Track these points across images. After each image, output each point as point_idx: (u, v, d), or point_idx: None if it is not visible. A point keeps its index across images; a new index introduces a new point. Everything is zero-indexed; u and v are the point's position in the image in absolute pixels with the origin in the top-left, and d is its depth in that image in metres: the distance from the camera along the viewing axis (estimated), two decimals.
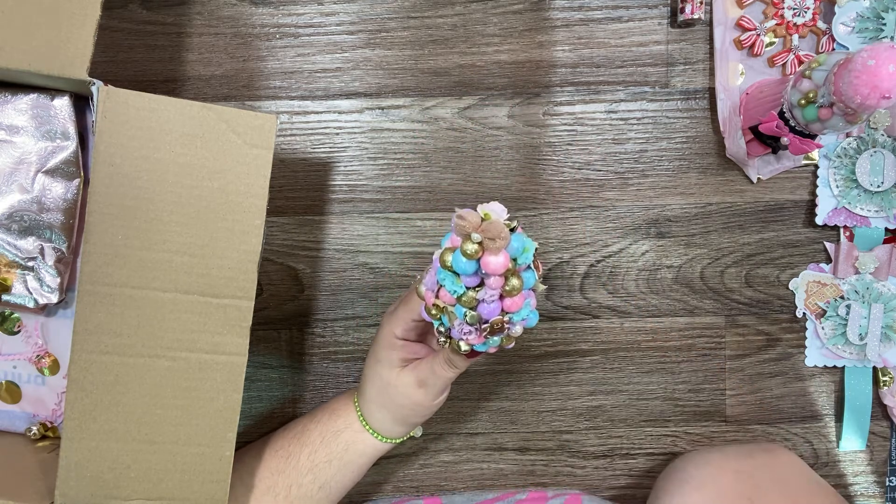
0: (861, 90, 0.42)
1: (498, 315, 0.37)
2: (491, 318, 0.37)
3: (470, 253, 0.34)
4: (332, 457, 0.49)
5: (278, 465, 0.50)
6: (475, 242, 0.34)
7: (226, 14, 0.56)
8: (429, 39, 0.56)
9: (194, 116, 0.42)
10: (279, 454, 0.50)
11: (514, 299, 0.37)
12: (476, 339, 0.39)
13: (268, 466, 0.50)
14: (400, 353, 0.46)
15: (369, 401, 0.49)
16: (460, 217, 0.33)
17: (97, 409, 0.43)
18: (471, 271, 0.35)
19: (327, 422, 0.50)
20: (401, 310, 0.46)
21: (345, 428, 0.50)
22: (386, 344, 0.47)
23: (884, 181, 0.57)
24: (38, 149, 0.48)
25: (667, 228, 0.58)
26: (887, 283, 0.58)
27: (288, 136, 0.56)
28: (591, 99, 0.57)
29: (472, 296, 0.37)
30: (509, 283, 0.36)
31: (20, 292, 0.50)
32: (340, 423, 0.50)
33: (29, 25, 0.40)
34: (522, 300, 0.38)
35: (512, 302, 0.37)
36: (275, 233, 0.57)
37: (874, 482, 0.61)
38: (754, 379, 0.60)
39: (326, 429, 0.50)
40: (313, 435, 0.50)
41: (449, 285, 0.37)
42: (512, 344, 0.41)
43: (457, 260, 0.35)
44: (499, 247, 0.34)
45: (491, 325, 0.38)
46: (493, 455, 0.60)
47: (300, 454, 0.50)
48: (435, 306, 0.39)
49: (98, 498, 0.44)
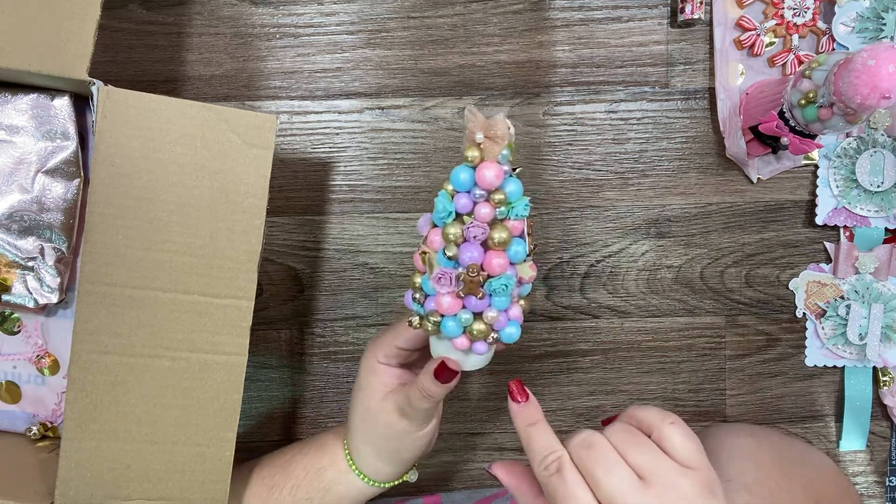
0: (861, 90, 0.42)
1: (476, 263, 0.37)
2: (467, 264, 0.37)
3: (470, 158, 0.36)
4: (313, 496, 0.47)
5: (262, 494, 0.48)
6: (477, 144, 0.35)
7: (226, 14, 0.56)
8: (429, 39, 0.56)
9: (194, 116, 0.42)
10: (265, 482, 0.48)
11: (497, 258, 0.37)
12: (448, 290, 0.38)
13: (253, 493, 0.48)
14: (382, 378, 0.45)
15: (355, 435, 0.46)
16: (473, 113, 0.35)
17: (97, 409, 0.43)
18: (463, 185, 0.36)
19: (314, 456, 0.48)
20: (386, 335, 0.45)
21: (329, 465, 0.47)
22: (368, 369, 0.45)
23: (884, 181, 0.57)
24: (38, 149, 0.48)
25: (667, 228, 0.58)
26: (887, 283, 0.58)
27: (288, 136, 0.56)
28: (591, 99, 0.57)
29: (459, 229, 0.36)
30: (496, 231, 0.36)
31: (20, 292, 0.50)
32: (326, 460, 0.48)
33: (29, 25, 0.40)
34: (507, 265, 0.37)
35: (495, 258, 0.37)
36: (275, 233, 0.57)
37: (874, 482, 0.61)
38: (754, 379, 0.60)
39: (312, 464, 0.48)
40: (298, 468, 0.48)
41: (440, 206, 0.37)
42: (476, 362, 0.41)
43: (454, 175, 0.36)
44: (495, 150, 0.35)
45: (466, 274, 0.37)
46: (493, 455, 0.60)
47: (283, 487, 0.47)
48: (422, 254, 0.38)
49: (98, 498, 0.44)
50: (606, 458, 0.35)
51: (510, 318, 0.40)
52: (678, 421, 0.37)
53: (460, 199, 0.37)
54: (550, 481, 0.36)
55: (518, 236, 0.38)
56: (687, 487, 0.34)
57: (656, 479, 0.34)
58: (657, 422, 0.37)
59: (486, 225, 0.36)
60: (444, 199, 0.37)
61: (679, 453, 0.35)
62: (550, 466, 0.36)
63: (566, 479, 0.35)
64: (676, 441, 0.36)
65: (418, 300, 0.40)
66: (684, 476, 0.35)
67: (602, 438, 0.36)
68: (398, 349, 0.44)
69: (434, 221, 0.38)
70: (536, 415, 0.39)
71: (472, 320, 0.39)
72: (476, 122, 0.35)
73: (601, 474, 0.35)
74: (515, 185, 0.37)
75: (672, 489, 0.34)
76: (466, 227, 0.36)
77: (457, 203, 0.37)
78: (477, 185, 0.36)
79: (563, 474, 0.35)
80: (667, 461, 0.35)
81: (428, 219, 0.39)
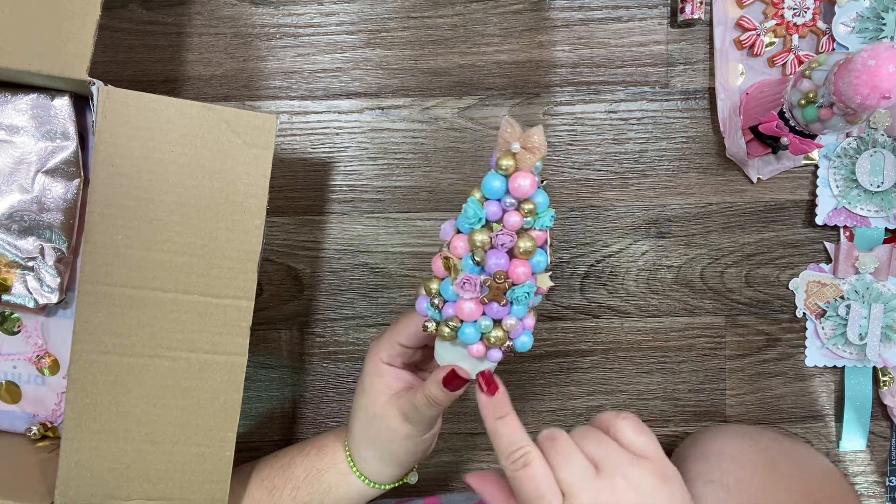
0: (861, 90, 0.42)
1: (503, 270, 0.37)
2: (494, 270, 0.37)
3: (504, 168, 0.36)
4: (314, 498, 0.47)
5: (262, 497, 0.48)
6: (512, 154, 0.36)
7: (226, 14, 0.56)
8: (429, 39, 0.56)
9: (194, 116, 0.42)
10: (264, 485, 0.48)
11: (521, 266, 0.37)
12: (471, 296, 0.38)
13: (251, 496, 0.48)
14: (386, 380, 0.44)
15: (356, 437, 0.46)
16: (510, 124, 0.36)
17: (97, 409, 0.43)
18: (495, 193, 0.37)
19: (314, 458, 0.48)
20: (388, 333, 0.45)
21: (330, 467, 0.47)
22: (371, 371, 0.45)
23: (884, 181, 0.57)
24: (38, 149, 0.48)
25: (667, 228, 0.58)
26: (887, 283, 0.58)
27: (288, 136, 0.56)
28: (591, 99, 0.57)
29: (487, 236, 0.37)
30: (523, 240, 0.37)
31: (20, 292, 0.50)
32: (326, 462, 0.47)
33: (29, 25, 0.40)
34: (529, 273, 0.38)
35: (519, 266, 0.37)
36: (275, 233, 0.57)
37: (874, 482, 0.61)
38: (754, 379, 0.60)
39: (312, 465, 0.47)
40: (298, 470, 0.48)
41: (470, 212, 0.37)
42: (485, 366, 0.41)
43: (487, 183, 0.37)
44: (533, 159, 0.36)
45: (493, 281, 0.37)
46: (493, 455, 0.60)
47: (283, 489, 0.47)
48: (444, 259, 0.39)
49: (98, 498, 0.44)
50: (565, 448, 0.37)
51: (525, 326, 0.40)
52: (631, 416, 0.39)
53: (490, 206, 0.37)
54: (517, 475, 0.37)
55: (541, 247, 0.38)
56: (638, 475, 0.36)
57: (609, 469, 0.36)
58: (611, 418, 0.39)
59: (514, 233, 0.37)
60: (475, 205, 0.37)
61: (631, 445, 0.38)
62: (518, 462, 0.37)
63: (532, 472, 0.37)
64: (629, 434, 0.38)
65: (436, 305, 0.40)
66: (636, 465, 0.37)
67: (563, 433, 0.39)
68: (401, 347, 0.44)
69: (458, 227, 0.38)
70: (505, 408, 0.40)
71: (492, 327, 0.39)
72: (513, 132, 0.36)
73: (559, 463, 0.37)
74: (544, 197, 0.38)
75: (622, 477, 0.36)
76: (495, 235, 0.37)
77: (487, 210, 0.37)
78: (509, 194, 0.37)
79: (528, 469, 0.37)
80: (620, 452, 0.37)
81: (452, 224, 0.39)
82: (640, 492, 0.36)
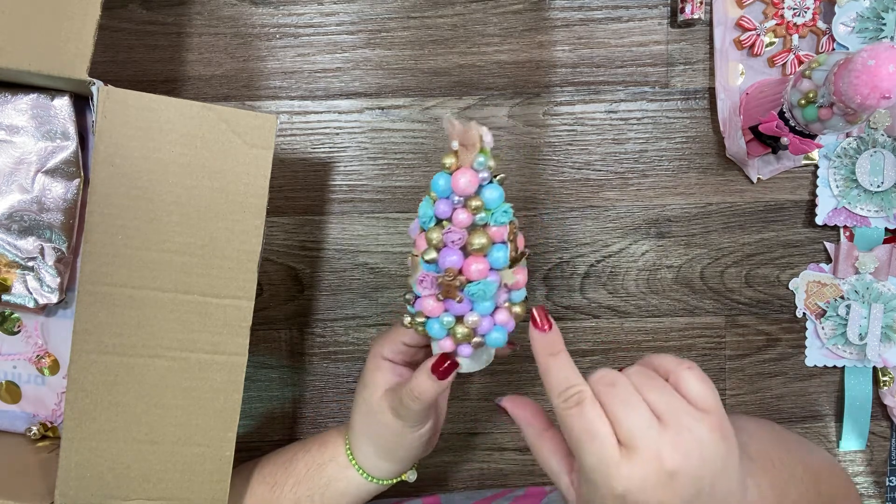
0: (861, 90, 0.42)
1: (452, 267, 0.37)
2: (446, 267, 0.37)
3: (447, 165, 0.36)
4: (314, 492, 0.47)
5: (263, 493, 0.48)
6: (454, 151, 0.36)
7: (226, 14, 0.56)
8: (429, 39, 0.56)
9: (194, 116, 0.42)
10: (266, 481, 0.49)
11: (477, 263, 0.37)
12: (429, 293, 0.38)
13: (254, 493, 0.48)
14: (384, 375, 0.45)
15: (356, 432, 0.46)
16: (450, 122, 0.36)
17: (97, 409, 0.43)
18: (442, 192, 0.37)
19: (316, 453, 0.48)
20: (391, 331, 0.45)
21: (330, 461, 0.47)
22: (372, 365, 0.45)
23: (884, 181, 0.57)
24: (38, 149, 0.48)
25: (667, 228, 0.58)
26: (887, 283, 0.58)
27: (288, 136, 0.56)
28: (591, 99, 0.57)
29: (440, 234, 0.37)
30: (474, 236, 0.37)
31: (20, 292, 0.50)
32: (327, 456, 0.48)
33: (29, 25, 0.40)
34: (486, 270, 0.37)
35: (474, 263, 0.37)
36: (275, 233, 0.57)
37: (874, 482, 0.61)
38: (754, 379, 0.60)
39: (313, 460, 0.48)
40: (300, 465, 0.48)
41: (421, 211, 0.37)
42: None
43: (434, 182, 0.37)
44: (469, 157, 0.36)
45: (443, 278, 0.37)
46: (493, 455, 0.60)
47: (285, 485, 0.48)
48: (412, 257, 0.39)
49: (98, 498, 0.44)
50: (627, 395, 0.35)
51: (497, 322, 0.40)
52: (694, 366, 0.37)
53: (440, 204, 0.37)
54: (569, 414, 0.36)
55: (501, 242, 0.38)
56: (702, 430, 0.34)
57: (673, 420, 0.34)
58: (674, 367, 0.37)
59: (464, 230, 0.37)
60: (426, 204, 0.38)
61: (695, 396, 0.36)
62: (570, 400, 0.36)
63: (586, 413, 0.35)
64: (693, 384, 0.36)
65: (409, 301, 0.41)
66: (699, 419, 0.35)
67: (623, 377, 0.36)
68: (404, 345, 0.45)
69: (421, 226, 0.39)
70: (558, 345, 0.38)
71: (455, 323, 0.39)
72: (452, 129, 0.36)
73: (621, 411, 0.35)
74: (494, 192, 0.37)
75: (688, 430, 0.34)
76: (445, 232, 0.37)
77: (437, 209, 0.37)
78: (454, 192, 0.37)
79: (583, 408, 0.35)
80: (683, 404, 0.35)
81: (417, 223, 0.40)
82: (702, 448, 0.34)
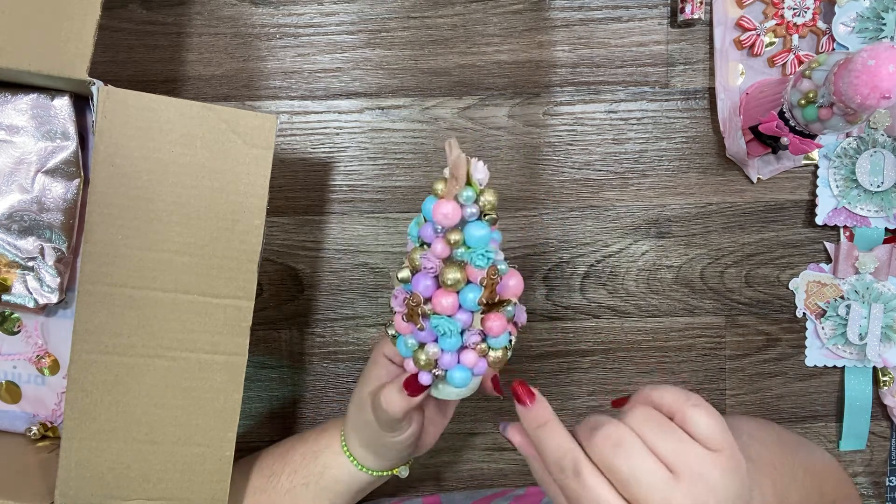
0: (861, 90, 0.42)
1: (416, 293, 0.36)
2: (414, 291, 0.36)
3: (437, 191, 0.35)
4: (310, 480, 0.47)
5: (261, 484, 0.48)
6: (443, 179, 0.35)
7: (226, 14, 0.56)
8: (429, 39, 0.56)
9: (194, 116, 0.42)
10: (264, 472, 0.49)
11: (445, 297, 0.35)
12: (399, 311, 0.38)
13: (251, 485, 0.49)
14: (380, 372, 0.45)
15: (349, 421, 0.47)
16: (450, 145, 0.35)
17: (97, 409, 0.43)
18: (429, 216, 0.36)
19: (312, 442, 0.49)
20: None
21: (325, 448, 0.48)
22: (372, 359, 0.46)
23: (884, 181, 0.57)
24: (38, 149, 0.48)
25: (667, 228, 0.58)
26: (887, 283, 0.58)
27: (288, 136, 0.56)
28: (591, 99, 0.57)
29: (417, 256, 0.36)
30: (447, 270, 0.35)
31: (20, 292, 0.50)
32: (323, 444, 0.48)
33: (29, 25, 0.40)
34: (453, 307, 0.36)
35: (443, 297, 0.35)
36: (275, 233, 0.57)
37: (874, 482, 0.61)
38: (754, 379, 0.60)
39: (309, 448, 0.48)
40: (296, 455, 0.49)
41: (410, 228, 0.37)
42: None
43: (424, 205, 0.36)
44: (452, 189, 0.34)
45: (409, 301, 0.36)
46: (493, 455, 0.60)
47: (282, 473, 0.48)
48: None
49: (98, 498, 0.44)
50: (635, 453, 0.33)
51: (461, 362, 0.38)
52: (700, 402, 0.35)
53: (426, 228, 0.36)
54: (569, 485, 0.34)
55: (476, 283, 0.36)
56: (714, 474, 0.33)
57: (685, 470, 0.32)
58: (679, 405, 0.35)
59: (438, 260, 0.36)
60: (413, 225, 0.37)
61: (705, 436, 0.33)
62: (567, 469, 0.34)
63: (587, 482, 0.33)
64: (701, 423, 0.34)
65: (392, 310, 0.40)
66: (712, 463, 0.33)
67: (628, 433, 0.34)
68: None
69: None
70: (545, 415, 0.37)
71: (418, 348, 0.38)
72: (448, 155, 0.35)
73: (631, 472, 0.33)
74: (480, 230, 0.35)
75: (699, 478, 0.32)
76: (422, 256, 0.36)
77: (422, 231, 0.36)
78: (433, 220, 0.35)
79: (582, 477, 0.33)
80: (695, 448, 0.33)
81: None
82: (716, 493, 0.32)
